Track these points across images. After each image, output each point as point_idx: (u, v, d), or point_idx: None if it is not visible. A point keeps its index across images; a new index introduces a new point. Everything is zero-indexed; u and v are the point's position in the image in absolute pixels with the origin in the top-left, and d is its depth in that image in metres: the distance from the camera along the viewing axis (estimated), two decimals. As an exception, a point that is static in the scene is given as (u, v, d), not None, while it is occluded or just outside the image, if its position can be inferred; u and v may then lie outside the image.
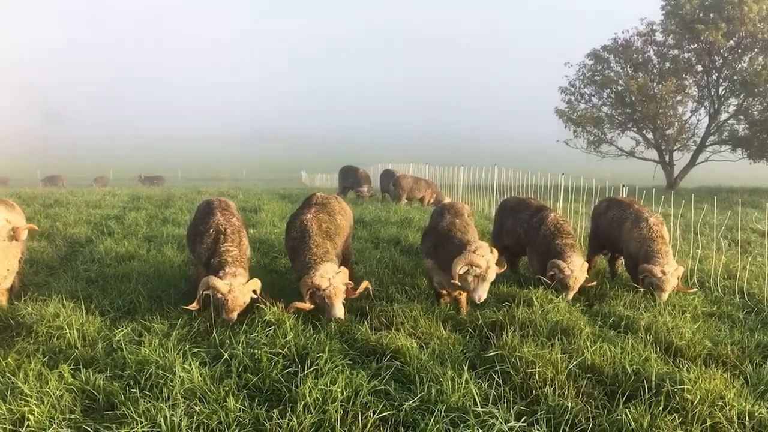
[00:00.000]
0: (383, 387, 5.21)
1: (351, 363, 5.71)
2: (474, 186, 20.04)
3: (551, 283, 7.89)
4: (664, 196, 12.34)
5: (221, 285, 6.60)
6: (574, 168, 17.73)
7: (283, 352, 5.80)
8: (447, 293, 7.50)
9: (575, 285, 7.83)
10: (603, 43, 35.61)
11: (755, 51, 32.01)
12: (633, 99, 33.88)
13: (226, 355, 5.69)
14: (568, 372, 5.57)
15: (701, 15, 32.19)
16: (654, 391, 5.19)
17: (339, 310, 6.69)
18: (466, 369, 5.39)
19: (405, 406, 4.88)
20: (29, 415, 4.60)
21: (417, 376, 5.38)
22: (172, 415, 4.59)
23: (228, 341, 6.01)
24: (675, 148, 35.26)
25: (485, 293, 6.84)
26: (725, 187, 31.49)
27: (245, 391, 5.16)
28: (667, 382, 5.27)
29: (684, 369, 5.60)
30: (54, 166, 60.11)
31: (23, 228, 7.09)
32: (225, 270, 6.82)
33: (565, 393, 5.22)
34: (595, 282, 8.36)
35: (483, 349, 6.18)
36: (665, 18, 33.56)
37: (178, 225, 13.52)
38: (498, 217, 10.03)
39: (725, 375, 5.60)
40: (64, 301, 7.12)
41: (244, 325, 6.42)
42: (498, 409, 4.84)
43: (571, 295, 7.80)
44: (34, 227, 7.31)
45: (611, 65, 35.76)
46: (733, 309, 7.93)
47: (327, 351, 5.74)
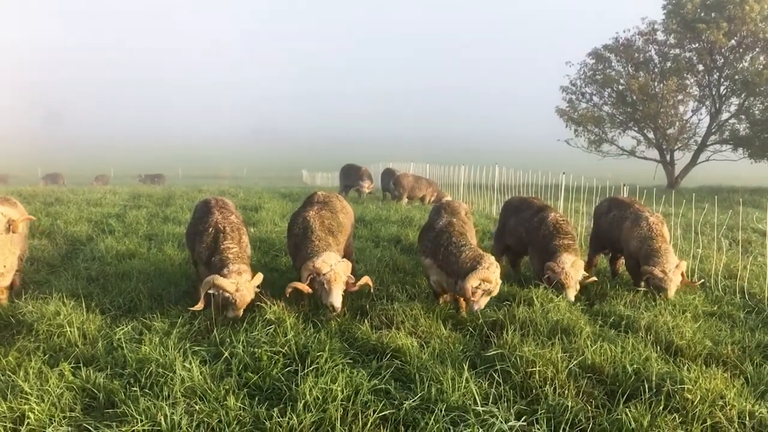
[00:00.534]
0: (383, 386, 5.22)
1: (351, 362, 5.72)
2: (475, 185, 20.04)
3: (549, 286, 7.88)
4: (665, 195, 12.34)
5: (228, 284, 6.58)
6: (574, 167, 17.70)
7: (284, 350, 5.80)
8: (443, 293, 7.51)
9: (570, 282, 7.80)
10: (604, 43, 35.61)
11: (756, 50, 31.99)
12: (634, 98, 33.87)
13: (226, 354, 5.69)
14: (568, 371, 5.57)
15: (702, 14, 32.17)
16: (654, 391, 5.19)
17: (337, 297, 6.66)
18: (466, 368, 5.40)
19: (405, 405, 4.89)
20: (29, 414, 4.60)
21: (417, 375, 5.38)
22: (172, 414, 4.60)
23: (228, 340, 6.01)
24: (676, 147, 35.25)
25: (485, 305, 6.92)
26: (726, 187, 31.47)
27: (245, 390, 5.16)
28: (668, 381, 5.27)
29: (684, 368, 5.59)
30: (54, 164, 60.10)
31: (20, 220, 7.08)
32: (229, 268, 6.79)
33: (566, 392, 5.22)
34: (596, 278, 8.35)
35: (483, 348, 6.18)
36: (666, 17, 33.53)
37: (178, 223, 13.51)
38: (501, 216, 10.04)
39: (726, 375, 5.60)
40: (64, 300, 7.13)
41: (244, 324, 6.43)
42: (498, 409, 4.84)
43: (572, 294, 7.76)
44: (30, 218, 7.29)
45: (612, 64, 35.73)
46: (734, 309, 7.93)
47: (327, 350, 5.75)
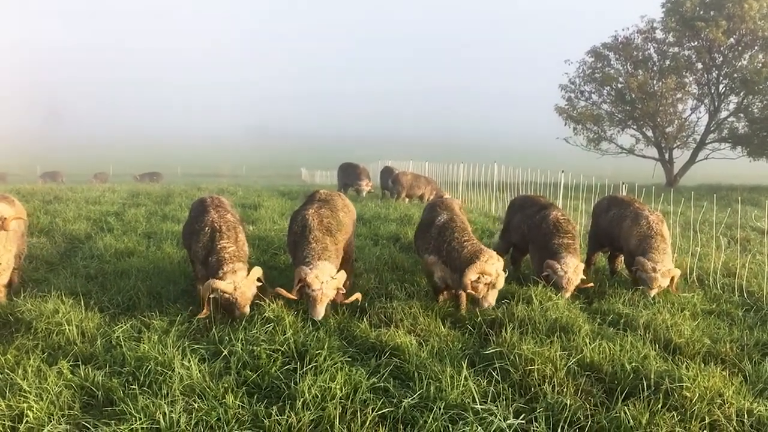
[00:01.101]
0: (382, 384, 5.22)
1: (350, 360, 5.72)
2: (474, 183, 20.04)
3: (548, 284, 7.88)
4: (663, 193, 12.34)
5: (225, 285, 6.57)
6: (573, 166, 17.72)
7: (282, 349, 5.80)
8: (446, 289, 7.52)
9: (569, 286, 7.82)
10: (603, 41, 35.61)
11: (755, 49, 31.99)
12: (633, 96, 33.87)
13: (225, 352, 5.70)
14: (567, 369, 5.58)
15: (701, 12, 32.17)
16: (653, 389, 5.20)
17: (319, 313, 6.60)
18: (465, 366, 5.39)
19: (404, 403, 4.89)
20: (28, 412, 4.60)
21: (416, 373, 5.38)
22: (171, 412, 4.60)
23: (227, 338, 6.01)
24: (675, 145, 35.28)
25: (494, 300, 6.93)
26: (725, 185, 31.49)
27: (244, 388, 5.16)
28: (666, 379, 5.28)
29: (683, 367, 5.60)
30: (53, 162, 60.04)
31: (11, 218, 7.05)
32: (223, 269, 6.79)
33: (564, 390, 5.22)
34: (592, 284, 8.34)
35: (482, 347, 6.18)
36: (665, 15, 33.52)
37: (177, 221, 13.49)
38: (507, 214, 10.05)
39: (724, 373, 5.60)
40: (63, 298, 7.13)
41: (243, 322, 6.42)
42: (497, 407, 4.84)
43: (567, 295, 7.79)
44: (20, 218, 7.28)
45: (611, 63, 35.72)
46: (733, 307, 7.94)
47: (326, 348, 5.75)
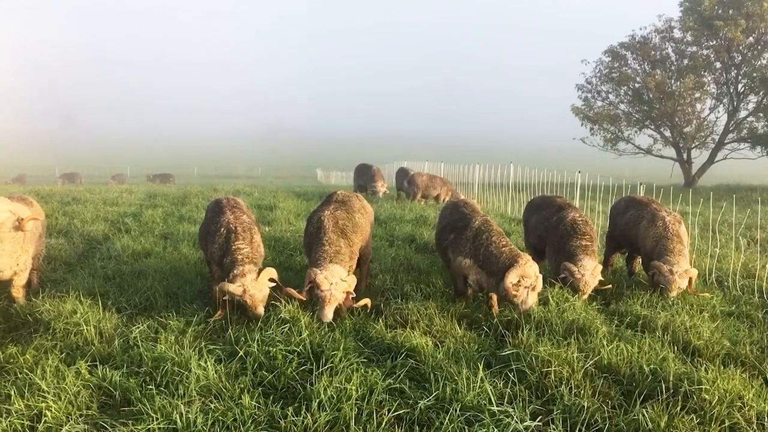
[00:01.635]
0: (398, 385, 5.21)
1: (366, 361, 5.71)
2: (489, 184, 19.98)
3: (565, 285, 7.82)
4: (682, 194, 12.24)
5: (234, 288, 6.61)
6: (590, 166, 17.61)
7: (298, 349, 5.80)
8: (475, 292, 7.49)
9: (586, 289, 7.75)
10: (620, 40, 35.39)
11: (775, 47, 31.64)
12: (651, 96, 33.62)
13: (241, 353, 5.71)
14: (584, 371, 5.54)
15: (720, 11, 31.86)
16: (671, 391, 5.15)
17: (327, 315, 6.58)
18: (481, 368, 5.37)
19: (420, 404, 4.88)
20: (46, 411, 4.64)
21: (432, 374, 5.37)
22: (187, 412, 4.62)
23: (243, 338, 6.02)
24: (693, 145, 34.98)
25: (533, 303, 6.86)
26: (744, 185, 31.17)
27: (260, 389, 5.18)
28: (685, 382, 5.22)
29: (702, 369, 5.53)
30: (72, 163, 60.62)
31: (27, 218, 7.11)
32: (234, 272, 6.83)
33: (582, 392, 5.18)
34: (611, 285, 8.26)
35: (498, 348, 6.15)
36: (683, 14, 33.24)
37: (194, 222, 13.56)
38: (524, 215, 9.99)
39: (744, 375, 5.54)
40: (81, 298, 7.18)
41: (259, 323, 6.43)
42: (513, 408, 4.81)
43: (585, 297, 7.72)
44: (36, 218, 7.35)
45: (629, 62, 35.49)
46: (752, 308, 7.84)
47: (342, 349, 5.75)
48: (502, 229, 7.67)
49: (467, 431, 4.57)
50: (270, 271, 6.94)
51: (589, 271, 7.76)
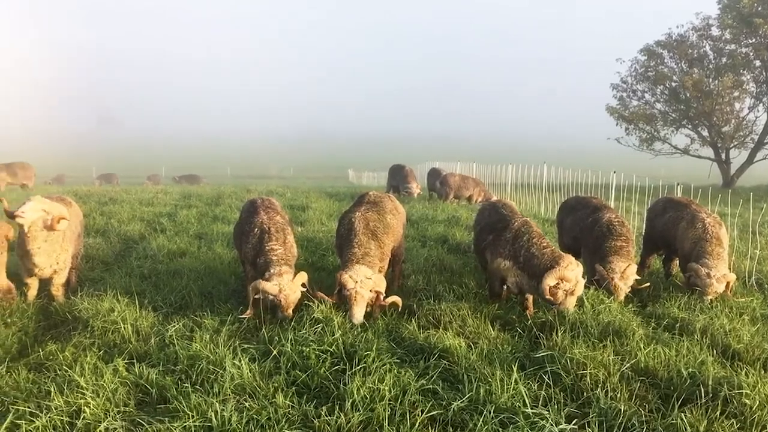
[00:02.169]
0: (431, 386, 5.20)
1: (399, 361, 5.70)
2: (522, 184, 19.83)
3: (599, 288, 7.71)
4: (720, 195, 12.00)
5: (271, 287, 6.65)
6: (626, 166, 17.35)
7: (331, 349, 5.81)
8: (511, 293, 7.44)
9: (620, 292, 7.61)
10: (656, 38, 34.83)
11: (817, 45, 30.85)
12: (688, 95, 33.01)
13: (275, 352, 5.74)
14: (620, 374, 5.46)
15: (759, 9, 31.13)
16: (710, 396, 5.05)
17: (356, 315, 6.61)
18: (515, 369, 5.32)
19: (453, 405, 4.85)
20: (85, 408, 4.71)
21: (465, 375, 5.34)
22: (222, 410, 4.66)
23: (277, 338, 6.05)
24: (732, 145, 34.23)
25: (572, 307, 6.77)
26: (785, 186, 30.44)
27: (294, 388, 5.20)
28: (725, 386, 5.12)
29: (742, 373, 5.42)
30: (108, 164, 61.68)
31: (57, 217, 7.24)
32: (270, 271, 6.86)
33: (618, 396, 5.12)
34: (648, 284, 8.12)
35: (532, 350, 6.10)
36: (722, 12, 32.57)
37: (227, 223, 13.69)
38: (558, 216, 9.88)
39: (786, 380, 5.40)
40: (118, 297, 7.29)
41: (292, 323, 6.46)
42: (548, 411, 4.77)
43: (620, 299, 7.60)
44: (64, 217, 7.49)
45: (665, 61, 34.90)
46: (794, 312, 7.64)
47: (375, 349, 5.74)
48: (541, 231, 7.61)
49: (501, 433, 4.54)
50: (303, 276, 6.98)
51: (618, 273, 7.64)
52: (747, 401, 4.90)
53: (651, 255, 9.50)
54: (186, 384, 5.16)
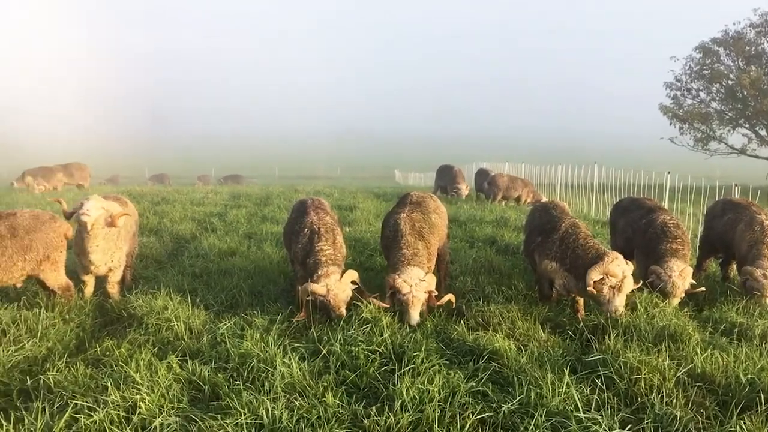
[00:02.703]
0: (481, 388, 5.16)
1: (447, 363, 5.68)
2: (572, 185, 19.53)
3: (653, 290, 7.52)
4: (780, 195, 11.59)
5: (319, 288, 6.69)
6: (680, 166, 16.93)
7: (380, 350, 5.82)
8: (560, 296, 7.34)
9: (675, 291, 7.41)
10: (712, 36, 33.93)
11: None
12: (745, 94, 32.07)
13: (324, 351, 5.77)
14: (676, 380, 5.33)
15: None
16: (772, 403, 4.88)
17: (413, 318, 6.61)
18: (567, 373, 5.24)
19: (504, 408, 4.81)
20: (140, 403, 4.81)
21: (515, 378, 5.28)
22: (273, 408, 4.71)
23: (326, 337, 6.09)
24: (791, 144, 33.15)
25: (622, 306, 6.60)
26: None
27: (343, 388, 5.22)
28: (787, 394, 4.94)
29: (805, 381, 5.22)
30: (160, 164, 63.00)
31: (119, 215, 7.45)
32: (318, 272, 6.91)
33: (674, 401, 4.99)
34: (704, 289, 7.89)
35: (584, 353, 6.00)
36: (781, 8, 31.58)
37: (276, 223, 13.85)
38: (611, 217, 9.69)
39: None
40: (171, 295, 7.44)
41: (341, 322, 6.49)
42: (601, 416, 4.68)
43: (675, 302, 7.40)
44: (127, 213, 7.68)
45: (721, 58, 34.00)
46: None
47: (423, 350, 5.73)
48: (588, 231, 7.47)
49: (553, 438, 4.47)
50: (352, 274, 7.00)
51: (677, 272, 7.43)
52: (810, 410, 4.73)
53: (708, 258, 9.24)
54: (237, 382, 5.23)
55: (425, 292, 6.74)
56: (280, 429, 4.57)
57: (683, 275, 7.44)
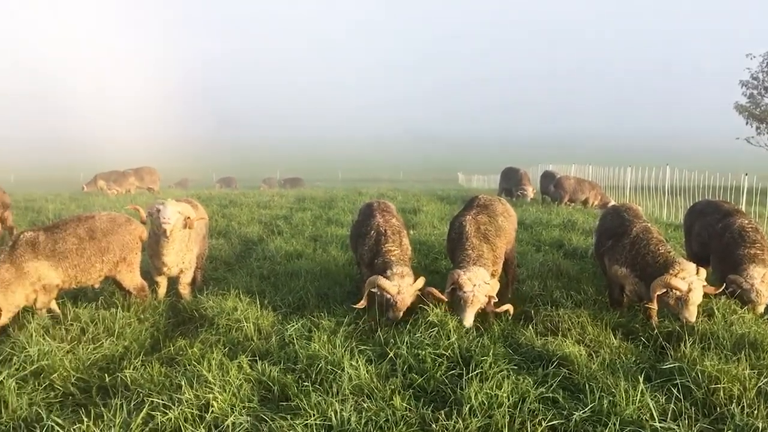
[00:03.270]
0: (551, 395, 5.05)
1: (516, 368, 5.59)
2: (642, 187, 18.99)
3: (732, 298, 7.19)
4: None
5: (390, 286, 6.71)
6: (758, 168, 16.25)
7: (447, 353, 5.78)
8: (630, 302, 7.15)
9: (760, 299, 7.06)
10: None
11: None
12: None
13: (391, 354, 5.78)
14: (757, 390, 5.10)
15: None
16: None
17: (468, 318, 6.54)
18: (641, 380, 5.09)
19: (575, 415, 4.70)
20: (213, 402, 4.91)
21: (587, 385, 5.16)
22: (341, 410, 4.73)
23: (392, 340, 6.09)
24: None
25: (693, 317, 6.33)
26: None
27: (410, 391, 5.21)
28: None
29: None
30: (226, 168, 64.41)
31: (194, 219, 7.68)
32: (392, 270, 6.90)
33: (755, 413, 4.77)
34: None
35: (658, 361, 5.80)
36: None
37: (341, 225, 13.97)
38: (686, 221, 9.36)
39: None
40: (240, 296, 7.60)
41: (407, 326, 6.47)
42: (678, 426, 4.53)
43: (761, 309, 7.06)
44: (204, 218, 7.88)
45: (801, 54, 32.51)
46: None
47: (491, 355, 5.67)
48: (660, 236, 7.24)
49: (627, 447, 4.35)
50: (421, 282, 7.00)
51: (758, 279, 7.09)
52: None
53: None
54: (306, 383, 5.28)
55: (486, 296, 6.67)
56: (348, 431, 4.59)
57: (766, 281, 7.11)
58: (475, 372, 5.38)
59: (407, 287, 6.76)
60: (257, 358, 5.85)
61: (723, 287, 7.15)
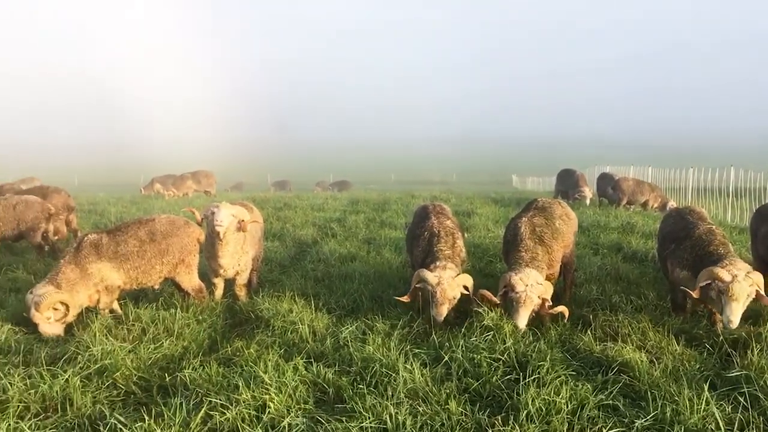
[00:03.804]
0: (611, 402, 4.93)
1: (574, 374, 5.48)
2: (705, 189, 18.41)
3: None
4: None
5: (430, 276, 6.74)
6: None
7: (503, 358, 5.71)
8: (693, 305, 6.92)
9: None
10: None
11: None
12: None
13: (446, 358, 5.73)
14: (831, 401, 4.87)
15: None
16: None
17: (522, 320, 6.47)
18: (706, 389, 4.91)
19: (637, 423, 4.57)
20: (270, 403, 4.96)
21: (648, 392, 5.02)
22: (396, 413, 4.71)
23: (447, 344, 6.05)
24: None
25: (735, 317, 6.00)
26: None
27: (466, 395, 5.16)
28: None
29: None
30: (281, 170, 65.25)
31: (248, 221, 7.81)
32: (435, 264, 6.98)
33: (830, 425, 4.55)
34: None
35: (723, 368, 5.60)
36: None
37: (394, 228, 13.98)
38: (752, 224, 9.03)
39: None
40: (295, 298, 7.67)
41: (462, 329, 6.42)
42: (746, 437, 4.35)
43: None
44: (257, 221, 7.98)
45: None
46: None
47: (548, 360, 5.56)
48: (726, 239, 6.98)
49: (692, 458, 4.20)
50: (466, 278, 6.95)
51: None
52: None
53: None
54: (361, 385, 5.28)
55: (539, 297, 6.57)
56: (403, 435, 4.57)
57: None
58: (532, 377, 5.29)
59: (448, 279, 6.73)
60: (312, 360, 5.88)
61: None
